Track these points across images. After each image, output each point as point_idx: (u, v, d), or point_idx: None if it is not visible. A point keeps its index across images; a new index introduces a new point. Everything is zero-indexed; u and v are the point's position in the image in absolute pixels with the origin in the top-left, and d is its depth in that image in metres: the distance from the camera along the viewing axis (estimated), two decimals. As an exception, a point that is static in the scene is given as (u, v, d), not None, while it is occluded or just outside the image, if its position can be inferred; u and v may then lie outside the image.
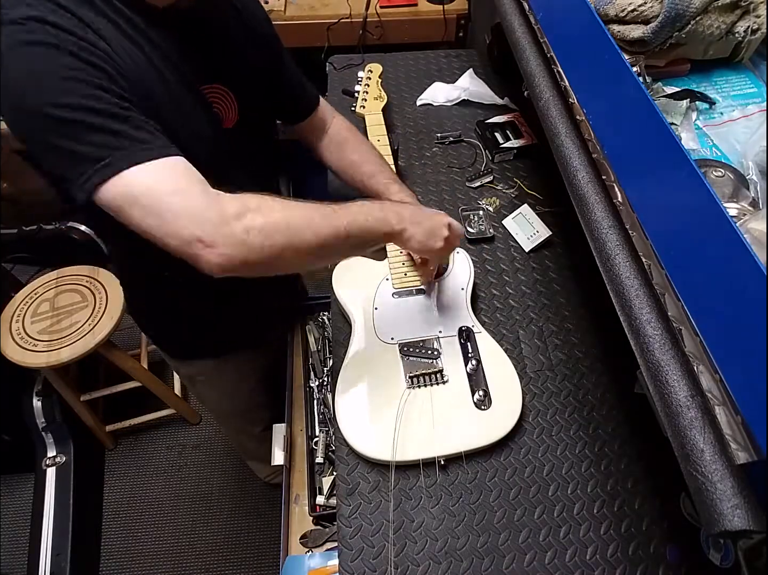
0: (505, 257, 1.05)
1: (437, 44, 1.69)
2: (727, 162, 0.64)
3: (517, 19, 0.90)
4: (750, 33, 0.71)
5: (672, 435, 0.49)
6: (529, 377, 0.90)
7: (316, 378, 1.14)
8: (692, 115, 0.70)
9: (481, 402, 0.82)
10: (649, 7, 0.68)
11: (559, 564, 0.74)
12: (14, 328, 1.49)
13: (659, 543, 0.76)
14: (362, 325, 0.90)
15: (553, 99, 0.76)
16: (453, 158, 1.22)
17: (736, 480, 0.43)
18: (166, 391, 1.76)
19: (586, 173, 0.67)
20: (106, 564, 1.64)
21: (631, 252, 0.58)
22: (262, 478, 1.68)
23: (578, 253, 1.05)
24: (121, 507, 1.75)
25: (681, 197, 0.48)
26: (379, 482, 0.79)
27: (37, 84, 0.54)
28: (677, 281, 0.50)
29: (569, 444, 0.84)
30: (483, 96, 1.32)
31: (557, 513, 0.78)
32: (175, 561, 1.64)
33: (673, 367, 0.50)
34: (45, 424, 1.71)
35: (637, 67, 0.69)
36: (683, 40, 0.69)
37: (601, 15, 0.71)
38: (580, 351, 0.94)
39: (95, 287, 1.57)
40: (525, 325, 0.96)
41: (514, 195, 1.14)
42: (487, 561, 0.74)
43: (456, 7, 1.66)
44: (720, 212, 0.42)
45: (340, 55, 1.49)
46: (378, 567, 0.73)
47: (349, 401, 0.83)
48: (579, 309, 0.99)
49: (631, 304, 0.55)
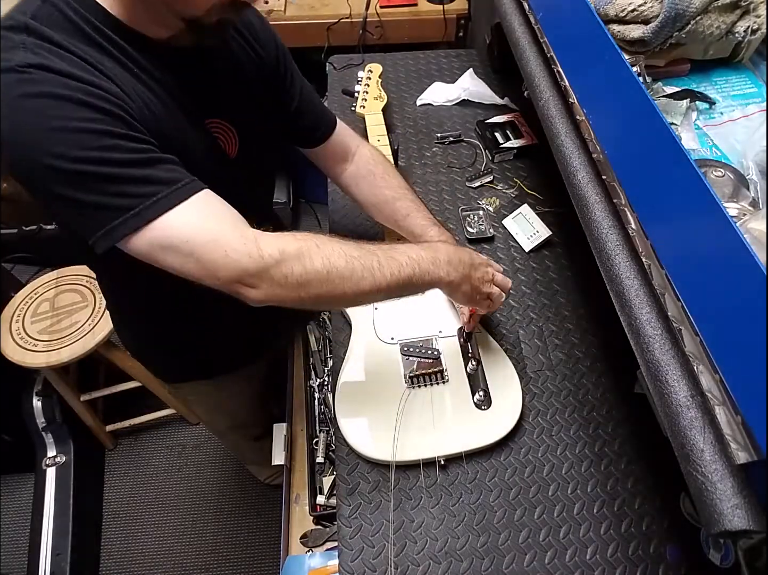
0: (505, 257, 1.05)
1: (437, 44, 1.70)
2: (727, 162, 0.64)
3: (517, 19, 0.90)
4: (750, 33, 0.71)
5: (672, 435, 0.49)
6: (529, 377, 0.90)
7: (317, 378, 1.14)
8: (692, 115, 0.70)
9: (481, 402, 0.82)
10: (649, 7, 0.68)
11: (559, 564, 0.74)
12: (14, 328, 1.49)
13: (659, 543, 0.76)
14: (362, 325, 0.90)
15: (553, 99, 0.76)
16: (453, 157, 1.22)
17: (736, 480, 0.43)
18: (166, 391, 1.76)
19: (586, 173, 0.67)
20: (106, 564, 1.64)
21: (631, 252, 0.58)
22: (262, 480, 1.68)
23: (578, 253, 1.04)
24: (121, 507, 1.75)
25: (681, 196, 0.48)
26: (379, 482, 0.79)
27: (48, 139, 0.51)
28: (677, 281, 0.50)
29: (569, 443, 0.84)
30: (483, 96, 1.32)
31: (557, 513, 0.78)
32: (175, 561, 1.64)
33: (673, 367, 0.50)
34: (45, 424, 1.71)
35: (637, 67, 0.69)
36: (683, 40, 0.69)
37: (601, 15, 0.71)
38: (580, 351, 0.94)
39: (95, 287, 1.57)
40: (525, 325, 0.96)
41: (514, 195, 1.14)
42: (487, 561, 0.74)
43: (456, 7, 1.66)
44: (720, 212, 0.42)
45: (340, 55, 1.49)
46: (378, 567, 0.73)
47: (350, 401, 0.83)
48: (579, 309, 0.99)
49: (631, 304, 0.55)
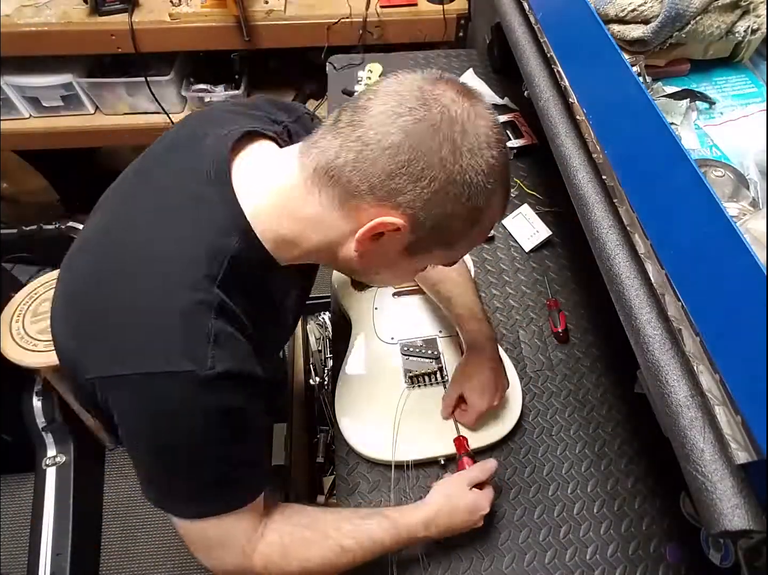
0: (505, 257, 1.05)
1: (437, 44, 1.69)
2: (727, 162, 0.64)
3: (517, 19, 0.90)
4: (750, 33, 0.70)
5: (672, 435, 0.49)
6: (529, 377, 0.90)
7: (317, 378, 1.14)
8: (692, 115, 0.70)
9: None
10: (649, 6, 0.68)
11: (559, 564, 0.74)
12: (14, 328, 1.48)
13: (659, 543, 0.76)
14: (362, 325, 0.90)
15: (553, 99, 0.76)
16: (453, 157, 1.22)
17: (736, 480, 0.43)
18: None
19: (586, 173, 0.67)
20: (106, 564, 1.64)
21: (631, 252, 0.58)
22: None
23: (578, 253, 1.04)
24: (121, 507, 1.74)
25: (681, 196, 0.48)
26: (379, 482, 0.79)
27: (192, 441, 0.51)
28: (677, 281, 0.50)
29: (569, 444, 0.84)
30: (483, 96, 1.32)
31: (557, 513, 0.78)
32: (175, 561, 1.64)
33: (673, 367, 0.50)
34: (45, 424, 1.70)
35: (637, 67, 0.69)
36: (683, 40, 0.69)
37: (601, 15, 0.71)
38: (580, 351, 0.94)
39: (95, 287, 1.57)
40: (525, 325, 0.96)
41: (514, 195, 1.14)
42: (487, 561, 0.74)
43: (456, 7, 1.66)
44: (720, 212, 0.42)
45: (340, 55, 1.49)
46: (378, 567, 0.73)
47: (350, 401, 0.83)
48: (579, 309, 0.99)
49: (631, 304, 0.55)
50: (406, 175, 0.48)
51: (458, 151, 0.48)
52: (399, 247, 0.54)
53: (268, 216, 0.54)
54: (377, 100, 0.50)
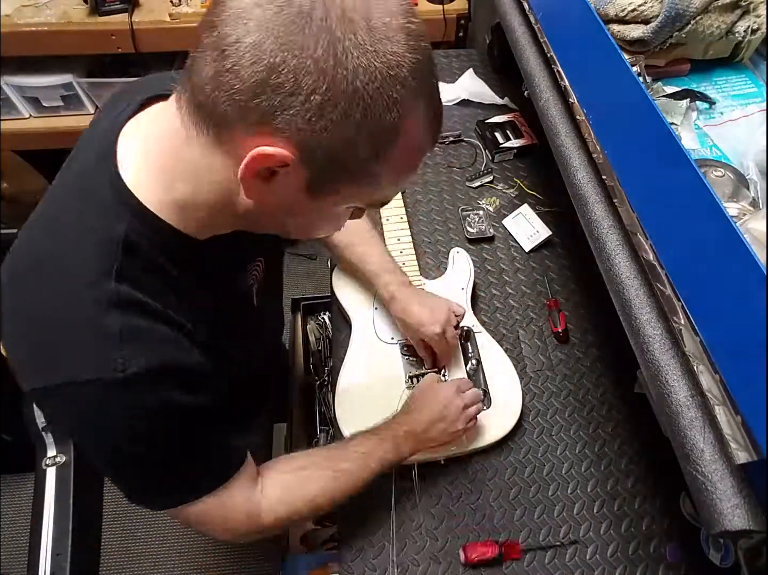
0: (505, 257, 1.05)
1: (437, 44, 1.69)
2: (727, 162, 0.64)
3: (517, 19, 0.90)
4: (750, 33, 0.71)
5: (672, 435, 0.49)
6: (529, 377, 0.90)
7: (317, 378, 1.14)
8: (692, 115, 0.70)
9: (481, 402, 0.82)
10: (649, 7, 0.68)
11: (559, 563, 0.74)
12: (14, 328, 1.48)
13: (659, 543, 0.76)
14: (362, 325, 0.90)
15: (553, 99, 0.76)
16: (453, 157, 1.22)
17: (736, 480, 0.43)
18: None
19: (586, 173, 0.67)
20: (106, 564, 1.64)
21: (631, 252, 0.58)
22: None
23: (578, 253, 1.04)
24: (121, 507, 1.74)
25: (681, 196, 0.48)
26: (379, 482, 0.79)
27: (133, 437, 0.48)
28: (677, 281, 0.50)
29: (569, 443, 0.84)
30: (483, 96, 1.32)
31: (557, 513, 0.78)
32: (175, 561, 1.64)
33: (673, 367, 0.50)
34: (45, 424, 1.70)
35: (637, 67, 0.69)
36: (683, 40, 0.69)
37: (601, 15, 0.71)
38: (580, 351, 0.94)
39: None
40: (525, 325, 0.96)
41: (514, 195, 1.14)
42: (487, 561, 0.74)
43: (456, 7, 1.66)
44: (720, 212, 0.42)
45: (340, 55, 1.49)
46: (378, 567, 0.73)
47: (350, 401, 0.83)
48: (579, 309, 0.99)
49: (631, 304, 0.55)
50: (275, 87, 0.36)
51: (341, 47, 0.35)
52: (296, 186, 0.42)
53: (153, 181, 0.45)
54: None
